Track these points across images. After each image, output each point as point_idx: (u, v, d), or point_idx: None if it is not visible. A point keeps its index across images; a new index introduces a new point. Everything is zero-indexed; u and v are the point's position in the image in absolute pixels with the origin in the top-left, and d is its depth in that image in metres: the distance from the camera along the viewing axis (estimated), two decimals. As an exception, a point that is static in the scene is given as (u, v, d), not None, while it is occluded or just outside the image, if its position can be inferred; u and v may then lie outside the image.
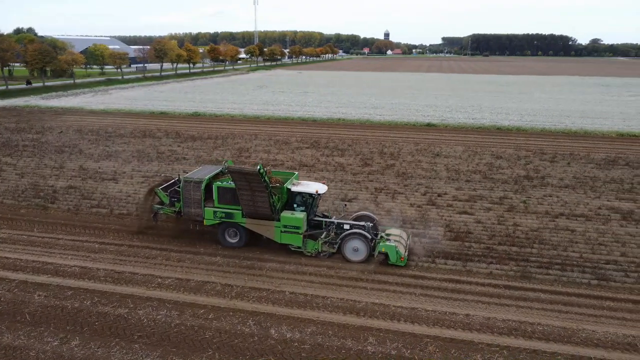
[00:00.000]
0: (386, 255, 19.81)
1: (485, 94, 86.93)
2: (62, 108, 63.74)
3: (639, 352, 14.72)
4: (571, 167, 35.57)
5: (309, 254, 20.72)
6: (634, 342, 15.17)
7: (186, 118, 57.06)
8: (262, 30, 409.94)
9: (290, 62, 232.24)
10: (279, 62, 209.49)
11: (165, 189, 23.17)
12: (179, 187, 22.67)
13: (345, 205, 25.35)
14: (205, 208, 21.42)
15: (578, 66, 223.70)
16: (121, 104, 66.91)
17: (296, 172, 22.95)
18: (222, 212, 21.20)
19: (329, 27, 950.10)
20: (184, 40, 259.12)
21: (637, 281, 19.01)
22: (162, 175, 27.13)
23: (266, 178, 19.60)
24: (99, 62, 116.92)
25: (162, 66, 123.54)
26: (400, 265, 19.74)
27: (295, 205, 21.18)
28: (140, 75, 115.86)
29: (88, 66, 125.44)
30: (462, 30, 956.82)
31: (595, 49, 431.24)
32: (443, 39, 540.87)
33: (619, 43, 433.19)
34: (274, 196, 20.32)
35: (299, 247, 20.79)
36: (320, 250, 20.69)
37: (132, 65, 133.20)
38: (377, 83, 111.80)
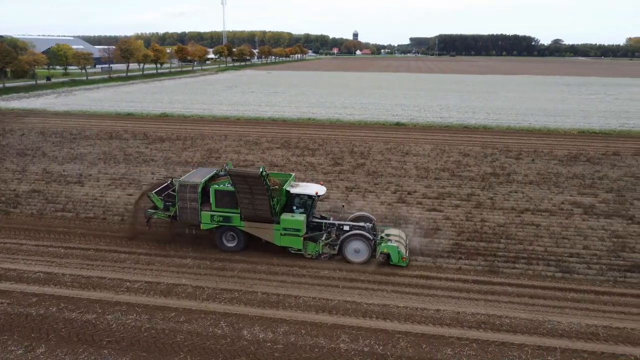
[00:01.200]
0: (388, 255, 19.75)
1: (452, 94, 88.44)
2: (24, 110, 61.78)
3: (601, 341, 15.26)
4: (535, 164, 36.56)
5: (309, 256, 20.50)
6: (596, 331, 15.72)
7: (154, 119, 56.11)
8: (231, 30, 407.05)
9: (259, 62, 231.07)
10: (248, 63, 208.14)
11: (158, 193, 22.48)
12: (173, 190, 22.19)
13: (343, 206, 25.38)
14: (202, 212, 20.89)
15: (541, 66, 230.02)
16: (86, 106, 65.33)
17: (293, 174, 22.72)
18: (220, 216, 20.73)
19: (298, 27, 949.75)
20: (150, 40, 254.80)
21: (599, 273, 19.70)
22: (155, 178, 26.51)
23: (267, 181, 19.37)
24: (62, 62, 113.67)
25: (128, 66, 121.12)
26: (402, 265, 19.70)
27: (294, 208, 20.92)
28: (105, 76, 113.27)
29: (51, 67, 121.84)
30: (429, 30, 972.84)
31: (557, 49, 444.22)
32: (411, 39, 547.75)
33: (579, 43, 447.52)
34: (273, 199, 20.06)
35: (299, 250, 20.51)
36: (321, 252, 20.48)
37: (97, 66, 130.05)
38: (346, 83, 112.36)
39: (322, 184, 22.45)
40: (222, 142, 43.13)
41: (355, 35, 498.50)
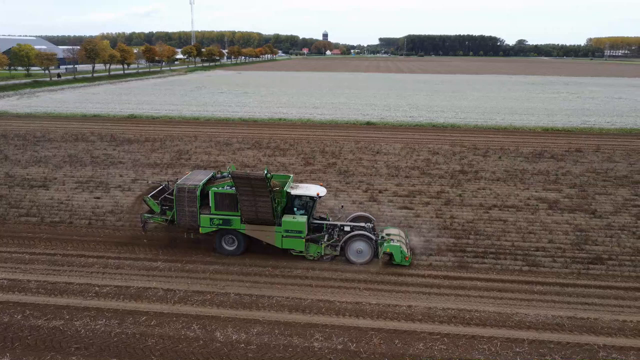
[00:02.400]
0: (390, 255, 19.80)
1: (421, 93, 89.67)
2: (-16, 112, 59.69)
3: (566, 331, 15.75)
4: (502, 161, 37.43)
5: (311, 258, 20.36)
6: (561, 322, 16.22)
7: (121, 121, 55.01)
8: (200, 30, 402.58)
9: (229, 62, 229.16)
10: (217, 63, 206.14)
11: (154, 197, 21.90)
12: (169, 194, 21.73)
13: (342, 206, 25.37)
14: (201, 215, 20.48)
15: (506, 65, 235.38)
16: (50, 107, 63.55)
17: (291, 175, 22.49)
18: (220, 219, 20.33)
19: (267, 27, 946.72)
20: (116, 41, 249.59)
21: (563, 265, 20.33)
22: (150, 182, 25.96)
23: (270, 182, 19.18)
24: (25, 63, 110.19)
25: (94, 67, 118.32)
26: (405, 265, 19.74)
27: (295, 209, 20.74)
28: (70, 77, 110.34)
29: (12, 68, 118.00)
30: (398, 31, 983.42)
31: (522, 49, 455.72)
32: (380, 39, 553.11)
33: (543, 44, 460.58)
34: (275, 201, 19.85)
35: (301, 252, 20.34)
36: (323, 254, 20.35)
37: (61, 67, 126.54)
38: (317, 83, 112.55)
39: (322, 185, 22.36)
40: (192, 144, 42.62)
41: (325, 35, 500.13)
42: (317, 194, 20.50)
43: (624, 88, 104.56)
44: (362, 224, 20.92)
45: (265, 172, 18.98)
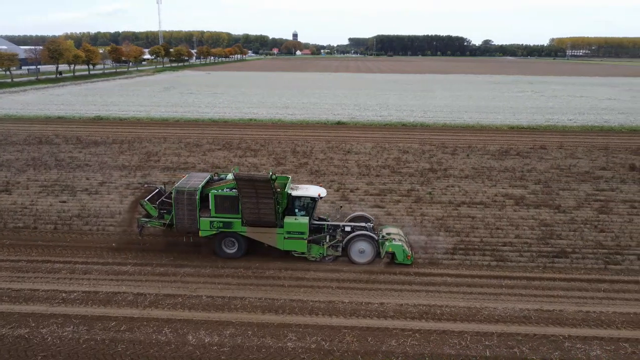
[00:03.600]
0: (393, 254, 19.86)
1: (390, 93, 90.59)
2: (-60, 115, 57.37)
3: (532, 323, 16.21)
4: (470, 159, 38.18)
5: (313, 259, 20.26)
6: (528, 314, 16.67)
7: (87, 122, 53.72)
8: (167, 30, 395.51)
9: (198, 62, 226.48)
10: (186, 63, 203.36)
11: (150, 201, 21.36)
12: (166, 197, 21.23)
13: (341, 206, 25.32)
14: (201, 218, 20.08)
15: (473, 65, 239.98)
16: (12, 109, 61.54)
17: (289, 176, 22.27)
18: (220, 222, 20.02)
19: (236, 27, 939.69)
20: (81, 41, 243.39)
21: (530, 260, 20.89)
22: (145, 185, 25.36)
23: (274, 184, 18.98)
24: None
25: (57, 68, 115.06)
26: (407, 263, 19.83)
27: (296, 210, 20.61)
28: (33, 78, 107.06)
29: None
30: (367, 31, 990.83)
31: (487, 50, 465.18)
32: (350, 39, 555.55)
33: (508, 44, 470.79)
34: (278, 202, 19.67)
35: (303, 253, 20.22)
36: (325, 255, 20.27)
37: (23, 67, 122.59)
38: (287, 83, 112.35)
39: (321, 186, 22.24)
40: (161, 145, 41.98)
41: (295, 35, 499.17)
42: (319, 195, 20.57)
43: (585, 87, 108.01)
44: (363, 224, 21.02)
45: (270, 173, 18.96)
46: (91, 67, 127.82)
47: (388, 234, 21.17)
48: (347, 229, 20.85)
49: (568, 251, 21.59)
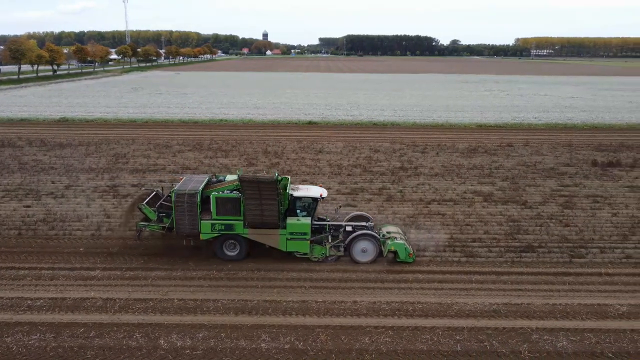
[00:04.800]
0: (395, 253, 19.91)
1: (361, 92, 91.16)
2: None
3: (502, 317, 16.58)
4: (440, 157, 38.78)
5: (315, 260, 20.15)
6: (498, 309, 17.05)
7: (52, 124, 52.25)
8: (135, 29, 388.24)
9: (167, 62, 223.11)
10: (154, 63, 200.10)
11: (148, 204, 20.76)
12: (165, 200, 20.71)
13: (340, 206, 25.28)
14: (202, 221, 19.71)
15: (441, 65, 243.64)
16: (-29, 111, 59.38)
17: (289, 177, 21.92)
18: (222, 224, 19.74)
19: (206, 27, 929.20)
20: (45, 40, 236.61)
21: (498, 255, 21.36)
22: (143, 188, 24.69)
23: (279, 186, 18.81)
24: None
25: (20, 68, 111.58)
26: (409, 262, 19.91)
27: (298, 211, 20.49)
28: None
29: None
30: (338, 31, 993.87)
31: (455, 49, 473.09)
32: (320, 39, 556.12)
33: (475, 44, 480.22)
34: (281, 204, 19.47)
35: (305, 254, 20.11)
36: (327, 255, 20.20)
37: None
38: (258, 83, 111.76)
39: (321, 186, 22.26)
40: (129, 147, 41.20)
41: (265, 35, 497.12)
42: (320, 195, 20.56)
43: (549, 85, 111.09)
44: (364, 223, 21.11)
45: (276, 174, 18.84)
46: (55, 67, 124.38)
47: (388, 232, 21.32)
48: (348, 228, 20.96)
49: (535, 246, 22.17)
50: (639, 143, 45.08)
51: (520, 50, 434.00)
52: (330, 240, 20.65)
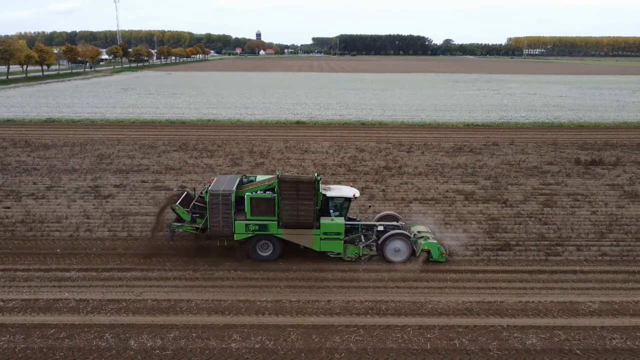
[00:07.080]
0: (428, 252, 19.99)
1: (351, 92, 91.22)
2: None
3: (473, 315, 16.68)
4: (425, 156, 38.88)
5: (348, 259, 20.23)
6: (470, 307, 17.14)
7: (38, 125, 51.96)
8: (127, 29, 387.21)
9: (159, 63, 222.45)
10: (146, 63, 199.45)
11: (181, 205, 20.63)
12: (197, 201, 20.69)
13: (370, 206, 25.37)
14: (236, 221, 19.68)
15: (433, 64, 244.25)
16: (-44, 112, 58.94)
17: (320, 177, 22.02)
18: (256, 225, 19.74)
19: (199, 27, 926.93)
20: (35, 40, 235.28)
21: (475, 253, 21.45)
22: (174, 189, 24.50)
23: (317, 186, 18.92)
24: None
25: (8, 69, 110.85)
26: (442, 261, 20.04)
27: (331, 211, 20.56)
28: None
29: None
30: (331, 31, 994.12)
31: (448, 49, 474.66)
32: (313, 39, 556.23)
33: (467, 43, 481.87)
34: (317, 204, 19.53)
35: (339, 254, 20.17)
36: (360, 254, 20.26)
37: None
38: (249, 83, 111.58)
39: (351, 186, 22.31)
40: (114, 147, 41.05)
41: (259, 35, 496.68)
42: (353, 195, 20.63)
43: (539, 84, 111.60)
44: (396, 223, 21.21)
45: (316, 175, 18.95)
46: (45, 68, 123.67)
47: (419, 232, 21.44)
48: (380, 228, 21.08)
49: (512, 244, 22.28)
50: (623, 141, 45.40)
51: (513, 50, 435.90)
52: (363, 240, 20.74)
